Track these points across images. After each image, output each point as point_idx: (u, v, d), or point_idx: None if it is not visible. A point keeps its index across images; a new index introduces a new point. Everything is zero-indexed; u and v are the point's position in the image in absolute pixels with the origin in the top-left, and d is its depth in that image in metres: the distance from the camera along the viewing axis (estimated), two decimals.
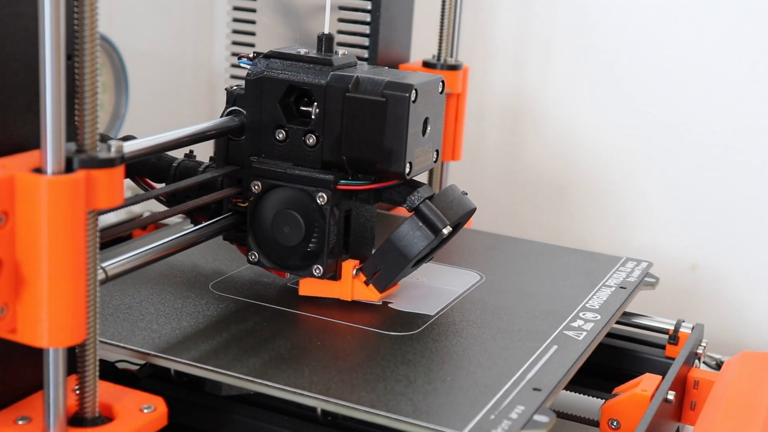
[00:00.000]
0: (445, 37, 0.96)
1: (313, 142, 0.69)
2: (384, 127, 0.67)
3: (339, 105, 0.68)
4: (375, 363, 0.63)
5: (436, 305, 0.73)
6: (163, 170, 0.74)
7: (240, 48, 1.00)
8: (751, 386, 0.69)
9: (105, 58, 1.02)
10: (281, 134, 0.70)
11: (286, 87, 0.69)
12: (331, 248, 0.69)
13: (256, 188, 0.70)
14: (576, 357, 0.65)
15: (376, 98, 0.67)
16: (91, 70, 0.49)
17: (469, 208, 0.72)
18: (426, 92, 0.69)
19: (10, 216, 0.48)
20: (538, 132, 1.15)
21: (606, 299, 0.76)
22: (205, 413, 0.62)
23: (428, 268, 0.80)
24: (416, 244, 0.69)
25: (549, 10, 1.12)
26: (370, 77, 0.68)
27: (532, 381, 0.61)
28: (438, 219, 0.68)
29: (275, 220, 0.69)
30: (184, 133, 0.66)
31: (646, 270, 0.83)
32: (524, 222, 1.18)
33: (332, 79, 0.68)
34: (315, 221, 0.69)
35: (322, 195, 0.68)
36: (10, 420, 0.54)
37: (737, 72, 1.05)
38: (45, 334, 0.49)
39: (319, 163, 0.69)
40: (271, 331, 0.66)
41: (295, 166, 0.69)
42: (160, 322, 0.66)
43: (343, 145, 0.68)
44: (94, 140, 0.50)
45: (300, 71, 0.69)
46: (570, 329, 0.70)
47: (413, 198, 0.69)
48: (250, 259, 0.71)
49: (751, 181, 1.07)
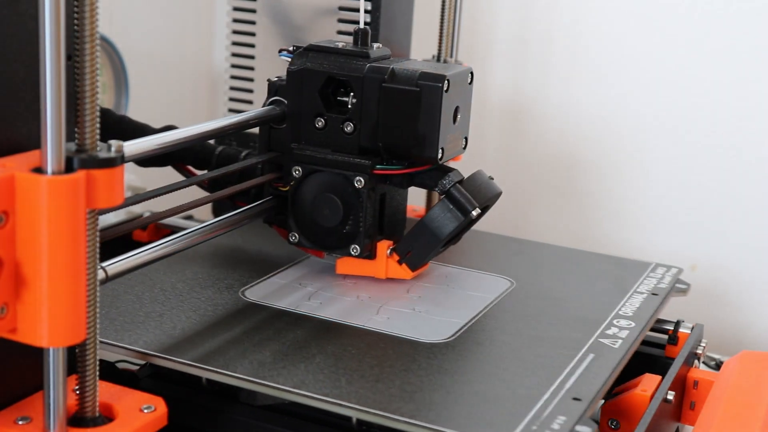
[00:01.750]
0: (444, 37, 0.96)
1: (351, 129, 0.74)
2: (418, 116, 0.72)
3: (376, 95, 0.73)
4: (411, 372, 0.62)
5: (468, 312, 0.72)
6: (207, 157, 0.79)
7: (240, 48, 1.00)
8: (750, 386, 0.69)
9: (105, 58, 1.02)
10: (320, 122, 0.75)
11: (325, 78, 0.74)
12: (367, 229, 0.74)
13: (296, 173, 0.74)
14: (614, 365, 0.64)
15: (411, 88, 0.72)
16: (91, 70, 0.49)
17: (496, 192, 0.77)
18: (457, 83, 0.74)
19: (11, 216, 0.48)
20: (538, 132, 1.15)
21: (639, 306, 0.75)
22: (205, 413, 0.62)
23: (458, 274, 0.80)
24: (447, 226, 0.73)
25: (549, 10, 1.12)
26: (405, 68, 0.73)
27: (572, 390, 0.60)
28: (468, 201, 0.73)
29: (315, 203, 0.74)
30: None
31: (676, 276, 0.83)
32: (524, 222, 1.17)
33: (369, 71, 0.73)
34: (352, 204, 0.73)
35: (360, 179, 0.73)
36: (10, 420, 0.54)
37: (737, 72, 1.05)
38: (45, 334, 0.49)
39: (356, 149, 0.74)
40: (298, 336, 0.66)
41: (333, 152, 0.74)
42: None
43: (380, 132, 0.73)
44: (94, 140, 0.50)
45: (338, 63, 0.74)
46: (605, 337, 0.69)
47: (444, 182, 0.74)
48: (291, 240, 0.76)
49: (751, 182, 1.07)
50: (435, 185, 0.74)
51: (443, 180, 0.74)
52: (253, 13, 0.99)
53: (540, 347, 0.67)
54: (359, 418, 0.57)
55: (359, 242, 0.74)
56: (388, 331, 0.68)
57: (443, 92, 0.71)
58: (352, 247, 0.74)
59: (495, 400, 0.59)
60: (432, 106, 0.72)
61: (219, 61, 1.20)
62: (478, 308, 0.73)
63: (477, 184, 0.75)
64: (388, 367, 0.62)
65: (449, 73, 0.72)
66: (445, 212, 0.73)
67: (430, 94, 0.71)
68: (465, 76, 0.76)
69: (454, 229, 0.73)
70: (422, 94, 0.72)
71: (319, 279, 0.77)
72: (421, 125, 0.72)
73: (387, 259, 0.75)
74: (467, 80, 0.76)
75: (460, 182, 0.74)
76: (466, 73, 0.76)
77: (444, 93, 0.72)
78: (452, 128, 0.74)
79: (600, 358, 0.65)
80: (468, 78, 0.76)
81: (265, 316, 0.69)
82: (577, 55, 1.12)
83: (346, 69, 0.73)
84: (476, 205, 0.73)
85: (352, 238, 0.74)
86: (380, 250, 0.75)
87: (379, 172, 0.74)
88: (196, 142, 0.67)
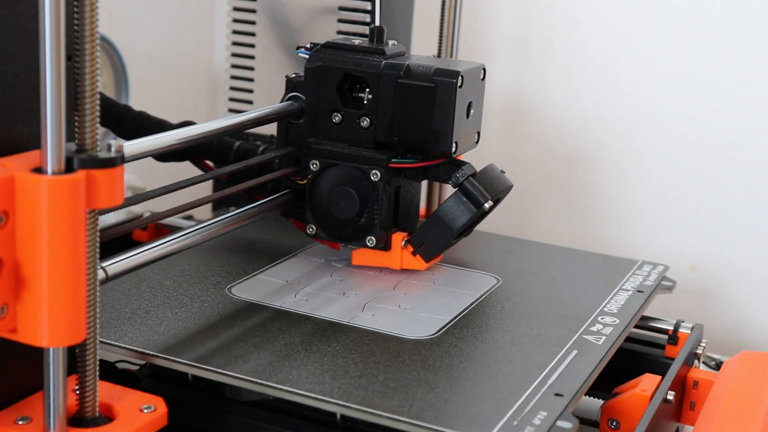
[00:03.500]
0: (444, 37, 0.96)
1: (367, 124, 0.75)
2: (433, 111, 0.74)
3: (391, 90, 0.74)
4: (395, 368, 0.62)
5: (454, 309, 0.73)
6: (225, 152, 0.81)
7: (240, 48, 1.00)
8: (750, 386, 0.69)
9: (105, 58, 1.02)
10: (337, 117, 0.76)
11: (342, 74, 0.76)
12: (383, 221, 0.76)
13: (314, 167, 0.76)
14: (596, 362, 0.65)
15: (426, 84, 0.74)
16: (91, 70, 0.49)
17: (507, 185, 0.79)
18: (470, 78, 0.75)
19: (11, 216, 0.48)
20: (538, 131, 1.15)
21: (624, 303, 0.76)
22: (205, 413, 0.62)
23: (444, 272, 0.81)
24: (460, 217, 0.75)
25: (549, 10, 1.12)
26: (420, 65, 0.75)
27: (554, 386, 0.61)
28: (480, 194, 0.75)
29: (332, 196, 0.76)
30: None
31: (662, 273, 0.83)
32: (523, 221, 1.17)
33: (385, 67, 0.75)
34: (368, 196, 0.75)
35: (376, 172, 0.75)
36: (10, 420, 0.54)
37: (737, 72, 1.05)
38: (45, 334, 0.49)
39: (372, 143, 0.76)
40: (284, 334, 0.66)
41: (350, 146, 0.76)
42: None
43: (395, 126, 0.75)
44: (94, 140, 0.50)
45: (355, 60, 0.75)
46: (589, 333, 0.69)
47: (458, 175, 0.75)
48: (308, 232, 0.77)
49: (751, 182, 1.06)
50: (449, 178, 0.76)
51: (457, 173, 0.75)
52: (253, 13, 0.99)
53: (524, 344, 0.67)
54: (343, 413, 0.58)
55: (375, 234, 0.76)
56: (373, 328, 0.68)
57: (457, 88, 0.73)
58: (368, 239, 0.76)
59: (477, 396, 0.59)
60: (446, 102, 0.73)
61: (219, 61, 1.20)
62: (463, 305, 0.74)
63: (489, 177, 0.77)
64: (373, 363, 0.63)
65: (463, 69, 0.74)
66: (459, 204, 0.75)
67: (444, 89, 0.73)
68: (478, 72, 0.77)
69: (467, 221, 0.75)
70: (437, 89, 0.73)
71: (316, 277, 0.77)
72: (435, 120, 0.74)
73: (402, 250, 0.77)
74: (480, 76, 0.78)
75: (473, 175, 0.76)
76: (479, 69, 0.78)
77: (458, 88, 0.73)
78: (465, 123, 0.76)
79: (583, 354, 0.66)
80: (481, 74, 0.78)
81: (252, 314, 0.69)
82: (577, 55, 1.12)
83: (362, 65, 0.75)
84: (489, 197, 0.75)
85: (368, 230, 0.76)
86: (395, 242, 0.78)
87: (394, 165, 0.75)
88: (206, 139, 0.68)
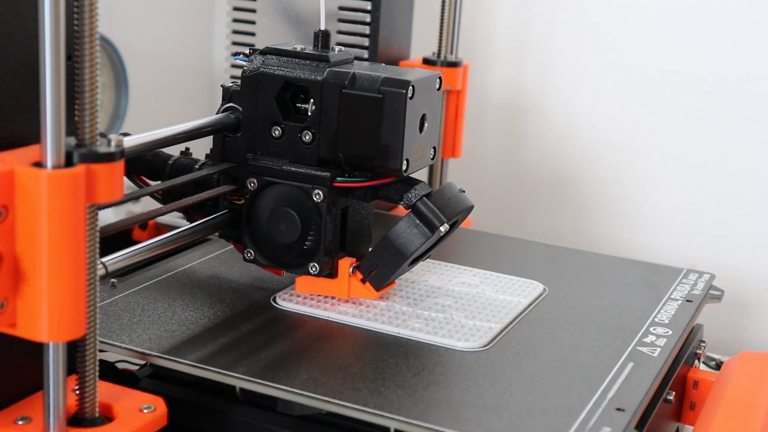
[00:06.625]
0: (445, 34, 0.96)
1: (310, 139, 0.68)
2: (381, 124, 0.66)
3: (335, 101, 0.67)
4: (449, 381, 0.61)
5: (503, 318, 0.70)
6: (159, 167, 0.74)
7: (240, 48, 1.00)
8: (750, 386, 0.69)
9: (105, 58, 1.02)
10: (277, 131, 0.69)
11: (282, 83, 0.69)
12: (327, 246, 0.68)
13: (252, 185, 0.69)
14: (655, 374, 0.63)
15: (373, 95, 0.66)
16: (91, 67, 0.49)
17: (466, 206, 0.71)
18: (423, 89, 0.68)
19: (10, 210, 0.48)
20: (538, 130, 1.15)
21: (674, 313, 0.74)
22: (205, 413, 0.62)
23: (491, 279, 0.78)
24: (413, 242, 0.67)
25: (549, 10, 1.12)
26: (367, 73, 0.67)
27: (614, 401, 0.59)
28: (435, 217, 0.67)
29: (271, 218, 0.69)
30: (179, 129, 0.66)
31: (709, 282, 0.81)
32: (523, 221, 1.17)
33: (329, 75, 0.67)
34: (311, 218, 0.68)
35: (318, 192, 0.67)
36: (10, 420, 0.54)
37: (737, 72, 1.05)
38: (45, 329, 0.49)
39: (316, 160, 0.68)
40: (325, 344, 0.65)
41: (291, 163, 0.68)
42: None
43: (340, 141, 0.68)
44: (94, 135, 0.50)
45: (296, 67, 0.68)
46: (643, 345, 0.67)
47: (410, 195, 0.68)
48: (246, 257, 0.70)
49: (752, 182, 1.07)
50: (400, 199, 0.68)
51: (409, 193, 0.68)
52: (253, 13, 0.99)
53: (578, 356, 0.65)
54: (397, 428, 0.56)
55: (318, 260, 0.68)
56: (424, 339, 0.66)
57: (407, 99, 0.66)
58: (311, 266, 0.68)
59: (538, 412, 0.57)
60: (395, 114, 0.66)
61: (219, 61, 1.20)
62: (512, 314, 0.71)
63: (446, 197, 0.69)
64: (425, 375, 0.61)
65: (414, 79, 0.67)
66: (412, 228, 0.67)
67: (392, 100, 0.66)
68: (432, 82, 0.69)
69: (420, 245, 0.68)
70: (385, 100, 0.66)
71: None
72: (383, 134, 0.66)
73: (349, 277, 0.70)
74: (435, 86, 0.70)
75: (427, 195, 0.68)
76: (434, 78, 0.70)
77: (408, 100, 0.66)
78: (418, 137, 0.69)
79: (640, 366, 0.64)
80: (436, 83, 0.70)
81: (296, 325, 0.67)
82: (577, 55, 1.12)
83: (304, 73, 0.68)
84: (444, 220, 0.67)
85: (311, 256, 0.68)
86: (342, 269, 0.70)
87: (339, 184, 0.68)
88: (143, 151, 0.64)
